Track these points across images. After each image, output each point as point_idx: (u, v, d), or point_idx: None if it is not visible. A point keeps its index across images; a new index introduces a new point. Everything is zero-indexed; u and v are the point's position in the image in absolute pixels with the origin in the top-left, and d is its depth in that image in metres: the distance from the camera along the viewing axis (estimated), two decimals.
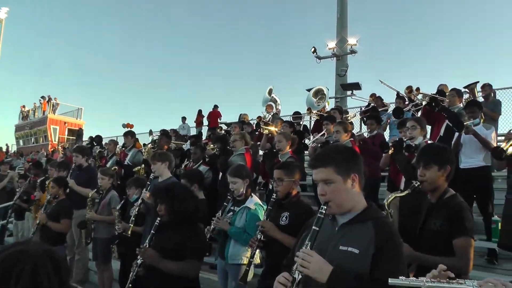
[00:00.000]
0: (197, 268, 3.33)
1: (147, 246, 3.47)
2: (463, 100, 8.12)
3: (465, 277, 2.62)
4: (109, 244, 5.54)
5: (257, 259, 4.32)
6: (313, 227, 2.08)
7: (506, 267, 5.53)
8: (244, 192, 4.33)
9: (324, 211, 2.08)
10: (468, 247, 2.74)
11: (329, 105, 10.72)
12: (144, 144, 12.78)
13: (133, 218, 5.02)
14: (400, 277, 1.78)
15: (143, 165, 8.39)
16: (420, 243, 2.99)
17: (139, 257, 3.46)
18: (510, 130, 4.92)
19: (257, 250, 4.07)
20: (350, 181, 2.11)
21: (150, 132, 15.30)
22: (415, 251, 2.89)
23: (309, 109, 9.76)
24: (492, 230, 5.72)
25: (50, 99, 33.79)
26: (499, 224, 5.37)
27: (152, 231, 3.62)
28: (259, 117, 10.20)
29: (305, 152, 8.15)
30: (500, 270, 5.58)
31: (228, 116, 23.95)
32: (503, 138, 7.08)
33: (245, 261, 4.05)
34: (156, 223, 3.61)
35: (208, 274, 6.04)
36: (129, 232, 5.00)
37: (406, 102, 8.57)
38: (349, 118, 10.82)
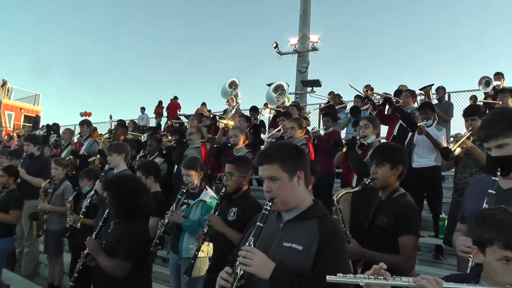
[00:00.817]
0: (123, 269, 3.10)
1: (93, 237, 3.38)
2: (419, 101, 8.39)
3: (409, 274, 2.74)
4: (61, 236, 5.39)
5: (211, 251, 4.32)
6: (257, 223, 2.08)
7: (450, 262, 5.75)
8: (199, 185, 4.30)
9: (269, 208, 2.09)
10: (412, 245, 2.80)
11: (289, 101, 10.78)
12: (101, 134, 12.53)
13: (84, 210, 4.91)
14: (338, 274, 1.81)
15: (98, 156, 8.21)
16: (367, 239, 3.06)
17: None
18: (459, 134, 5.09)
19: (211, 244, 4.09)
20: (295, 179, 2.12)
21: (110, 117, 14.92)
22: (361, 247, 2.94)
23: (265, 105, 9.80)
24: (439, 227, 5.93)
25: (5, 83, 32.30)
26: (446, 221, 5.58)
27: (100, 223, 3.54)
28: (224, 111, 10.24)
29: (262, 147, 8.19)
30: (445, 265, 5.80)
31: (188, 108, 23.78)
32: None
33: (200, 255, 4.00)
34: (104, 215, 3.54)
35: (160, 268, 5.99)
36: (79, 224, 4.88)
37: (365, 101, 8.73)
38: (306, 114, 10.96)
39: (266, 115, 10.54)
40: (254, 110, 9.93)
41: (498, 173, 2.23)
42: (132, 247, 3.16)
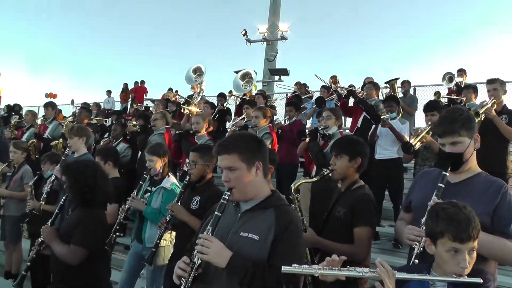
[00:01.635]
0: (77, 255, 3.03)
1: (49, 224, 3.30)
2: (384, 94, 8.54)
3: (363, 264, 2.81)
4: (19, 223, 5.24)
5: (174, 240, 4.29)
6: (215, 213, 2.10)
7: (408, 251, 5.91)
8: (161, 171, 4.25)
9: (227, 197, 2.11)
10: (366, 236, 2.86)
11: (256, 89, 10.78)
12: (65, 117, 12.22)
13: (45, 196, 4.74)
14: (294, 265, 1.86)
15: (61, 139, 8.01)
16: (325, 228, 3.11)
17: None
18: (419, 128, 5.21)
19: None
20: (254, 169, 2.13)
21: (72, 102, 14.62)
22: (316, 236, 2.99)
23: (230, 92, 9.76)
24: None
25: None
26: None
27: (56, 210, 3.46)
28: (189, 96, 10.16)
29: (226, 135, 8.18)
30: (404, 254, 5.93)
31: (156, 93, 23.40)
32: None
33: (163, 243, 3.97)
34: (61, 202, 3.46)
35: (122, 255, 5.92)
36: (40, 210, 4.75)
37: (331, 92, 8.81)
38: (272, 103, 11.00)
39: (231, 103, 10.52)
40: (222, 96, 9.88)
41: (449, 168, 2.32)
42: (88, 234, 3.10)
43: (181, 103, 9.38)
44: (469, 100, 6.91)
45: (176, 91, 10.98)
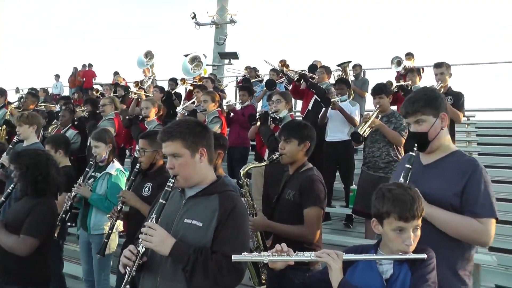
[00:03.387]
0: (27, 245, 2.96)
1: None
2: (336, 76, 8.66)
3: (313, 244, 2.87)
4: None
5: (120, 227, 4.23)
6: (160, 200, 2.10)
7: (359, 230, 6.11)
8: (107, 157, 4.19)
9: (171, 185, 2.10)
10: (315, 216, 2.92)
11: (206, 73, 10.69)
12: (9, 103, 11.66)
13: None
14: (243, 253, 1.89)
15: (4, 126, 7.65)
16: (276, 211, 3.17)
17: None
18: (367, 113, 5.32)
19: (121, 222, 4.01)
20: (198, 155, 2.13)
21: (17, 90, 14.00)
22: (266, 220, 3.04)
23: (183, 80, 9.65)
24: (350, 198, 6.24)
25: None
26: (355, 192, 5.89)
27: (2, 198, 3.37)
28: (136, 82, 9.93)
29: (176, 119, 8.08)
30: (355, 233, 6.16)
31: (103, 77, 22.73)
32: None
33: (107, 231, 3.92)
34: (8, 190, 3.35)
35: (74, 246, 5.78)
36: None
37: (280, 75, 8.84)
38: (223, 87, 10.95)
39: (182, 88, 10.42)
40: (173, 81, 9.74)
41: (415, 148, 2.33)
42: (39, 223, 3.03)
43: (129, 88, 9.15)
44: (414, 83, 7.12)
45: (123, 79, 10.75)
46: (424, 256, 1.89)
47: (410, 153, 2.33)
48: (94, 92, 10.06)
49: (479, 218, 2.11)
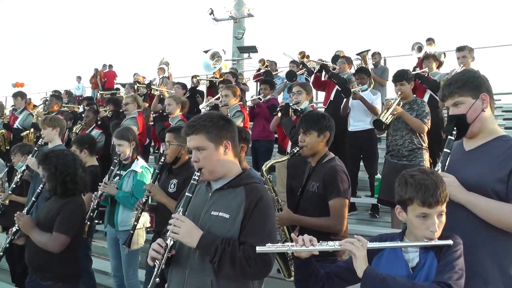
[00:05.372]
0: (59, 242, 3.05)
1: (25, 213, 3.27)
2: (356, 66, 8.58)
3: (341, 234, 2.86)
4: None
5: (146, 223, 4.31)
6: (186, 193, 2.12)
7: (385, 220, 6.07)
8: (131, 155, 4.25)
9: (197, 178, 2.12)
10: (341, 207, 2.90)
11: (226, 68, 10.73)
12: (35, 106, 11.94)
13: (14, 186, 4.66)
14: (268, 244, 1.89)
15: (32, 129, 7.85)
16: (301, 204, 3.16)
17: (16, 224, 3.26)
18: (389, 100, 5.24)
19: (147, 213, 4.08)
20: (222, 148, 2.14)
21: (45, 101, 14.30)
22: (292, 214, 3.03)
23: (195, 77, 9.69)
24: (375, 187, 6.20)
25: None
26: (380, 181, 5.84)
27: (33, 198, 3.44)
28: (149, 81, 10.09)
29: None
30: (381, 223, 6.11)
31: (124, 76, 22.95)
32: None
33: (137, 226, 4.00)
34: (38, 190, 3.43)
35: (102, 243, 5.90)
36: (7, 201, 4.67)
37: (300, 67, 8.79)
38: (245, 81, 10.96)
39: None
40: (195, 77, 9.81)
41: (454, 132, 2.19)
42: (70, 221, 3.14)
43: (151, 85, 9.25)
44: (431, 70, 6.98)
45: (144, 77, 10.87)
46: (450, 242, 1.85)
47: (449, 137, 2.18)
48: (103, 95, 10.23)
49: None
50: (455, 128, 2.17)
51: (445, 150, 2.17)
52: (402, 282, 1.83)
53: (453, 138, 2.18)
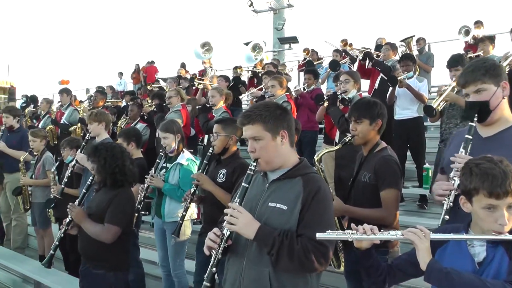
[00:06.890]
0: (112, 233, 3.12)
1: (77, 204, 3.37)
2: (400, 52, 8.34)
3: (392, 226, 2.78)
4: (46, 208, 5.33)
5: (193, 214, 4.34)
6: (243, 184, 2.09)
7: (435, 211, 5.86)
8: (176, 147, 4.26)
9: (253, 168, 2.08)
10: (393, 198, 2.83)
11: (268, 59, 10.71)
12: (81, 101, 12.29)
13: (66, 180, 4.82)
14: (328, 231, 1.85)
15: (79, 124, 8.06)
16: (351, 194, 3.09)
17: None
18: (441, 86, 5.06)
19: (194, 205, 4.10)
20: (279, 138, 2.09)
21: (87, 91, 14.70)
22: (343, 204, 2.96)
23: (239, 67, 9.72)
24: (423, 177, 6.02)
25: None
26: (429, 171, 5.65)
27: (83, 190, 3.54)
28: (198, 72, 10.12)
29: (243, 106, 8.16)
30: (430, 214, 5.93)
31: (166, 71, 23.30)
32: (436, 89, 7.37)
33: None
34: (88, 182, 3.53)
35: (149, 233, 6.02)
36: (60, 194, 4.82)
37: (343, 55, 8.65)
38: (288, 72, 10.87)
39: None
40: (237, 68, 9.85)
41: (475, 119, 2.22)
42: (121, 212, 3.22)
43: (194, 77, 9.31)
44: (487, 53, 6.62)
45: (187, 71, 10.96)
46: None
47: (470, 123, 2.23)
48: (149, 87, 10.37)
49: None
50: (475, 114, 2.21)
51: (466, 136, 2.22)
52: (469, 278, 1.73)
53: (474, 124, 2.23)
